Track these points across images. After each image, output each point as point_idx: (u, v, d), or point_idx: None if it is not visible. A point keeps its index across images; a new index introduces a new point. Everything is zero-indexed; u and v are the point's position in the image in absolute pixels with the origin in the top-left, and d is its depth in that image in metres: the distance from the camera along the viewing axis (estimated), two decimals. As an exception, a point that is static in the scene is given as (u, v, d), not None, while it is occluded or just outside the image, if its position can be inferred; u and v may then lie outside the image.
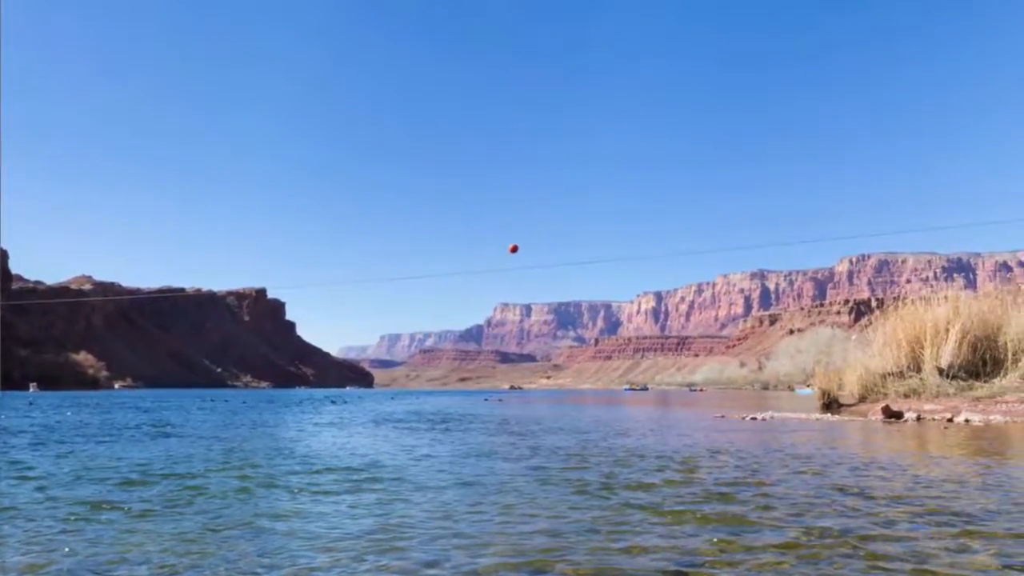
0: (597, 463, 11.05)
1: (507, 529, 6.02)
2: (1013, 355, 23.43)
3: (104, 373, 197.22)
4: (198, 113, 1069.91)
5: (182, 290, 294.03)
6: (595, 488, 8.32)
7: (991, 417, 19.57)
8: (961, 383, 23.70)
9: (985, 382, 23.33)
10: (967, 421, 19.23)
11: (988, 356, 24.19)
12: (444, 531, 5.95)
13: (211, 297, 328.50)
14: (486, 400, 64.54)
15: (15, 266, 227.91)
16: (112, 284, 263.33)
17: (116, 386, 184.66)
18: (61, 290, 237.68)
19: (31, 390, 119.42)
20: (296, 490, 8.44)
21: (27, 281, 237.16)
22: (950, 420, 19.77)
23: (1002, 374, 23.36)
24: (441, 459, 12.16)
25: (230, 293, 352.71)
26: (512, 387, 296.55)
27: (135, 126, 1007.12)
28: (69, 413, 32.10)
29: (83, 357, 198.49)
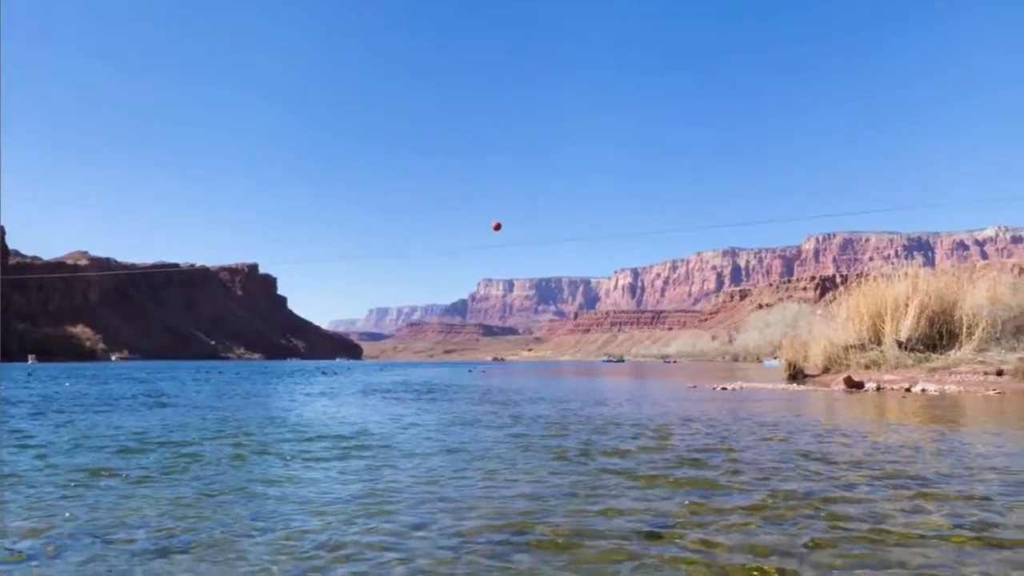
0: (576, 431, 11.12)
1: (490, 493, 6.06)
2: (967, 329, 23.82)
3: (101, 345, 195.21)
4: (191, 94, 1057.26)
5: (176, 265, 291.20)
6: (574, 454, 8.39)
7: (946, 387, 19.91)
8: (918, 355, 24.08)
9: (941, 354, 23.72)
10: (923, 391, 19.55)
11: (944, 330, 24.59)
12: (430, 495, 5.99)
13: (204, 272, 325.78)
14: (470, 371, 64.67)
15: (11, 241, 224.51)
16: (107, 259, 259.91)
17: (113, 358, 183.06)
18: (57, 265, 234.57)
19: (30, 362, 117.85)
20: (288, 457, 8.43)
21: (24, 256, 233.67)
22: (908, 390, 20.09)
23: (957, 346, 23.76)
24: (427, 427, 12.20)
25: (223, 268, 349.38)
26: (495, 359, 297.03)
27: (129, 107, 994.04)
28: (67, 384, 31.82)
29: (80, 330, 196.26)
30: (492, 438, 10.35)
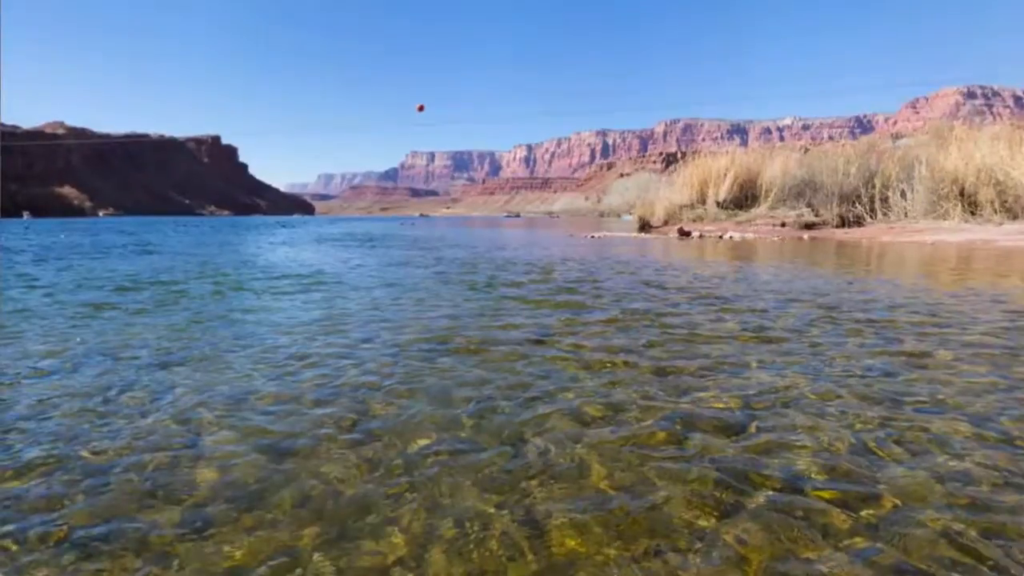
0: (483, 269, 11.29)
1: (419, 316, 6.17)
2: (765, 192, 25.08)
3: (88, 203, 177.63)
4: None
5: (147, 136, 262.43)
6: (482, 286, 8.57)
7: (746, 235, 21.22)
8: (730, 212, 25.35)
9: (745, 211, 25.05)
10: (731, 237, 20.76)
11: (749, 193, 25.78)
12: (374, 318, 6.04)
13: (173, 142, 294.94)
14: (401, 225, 63.44)
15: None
16: (83, 129, 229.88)
17: (100, 214, 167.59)
18: (37, 134, 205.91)
19: (25, 217, 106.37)
20: (260, 292, 8.23)
21: (4, 125, 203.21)
22: (720, 237, 21.27)
23: (757, 205, 25.11)
24: (369, 267, 12.08)
25: (189, 139, 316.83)
26: (421, 215, 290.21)
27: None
28: (63, 236, 29.16)
29: (67, 190, 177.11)
30: (420, 275, 10.40)
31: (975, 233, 17.13)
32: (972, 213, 19.47)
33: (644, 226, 27.71)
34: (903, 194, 21.20)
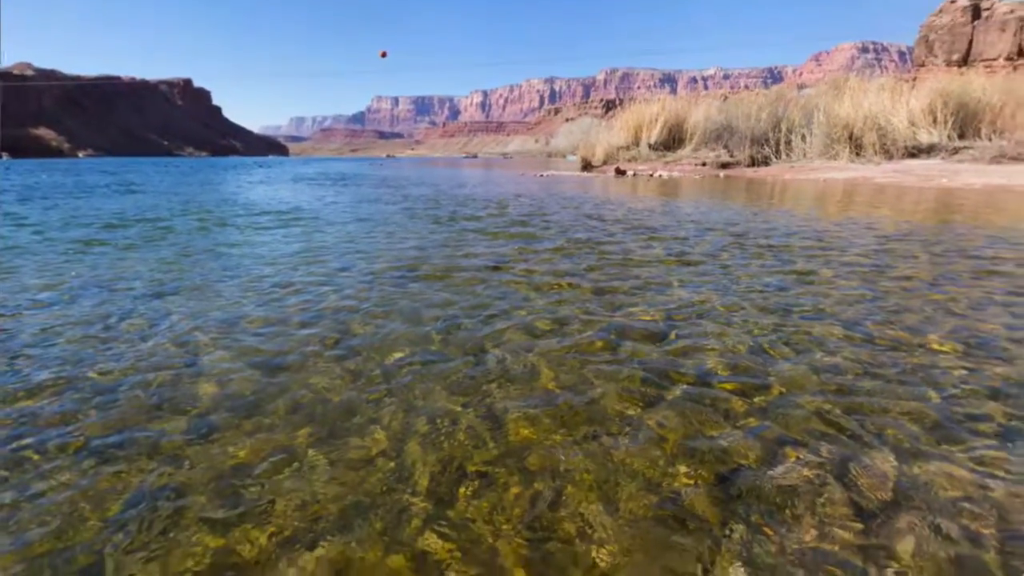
0: (446, 204, 11.08)
1: (390, 247, 6.07)
2: (690, 136, 25.08)
3: (67, 144, 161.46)
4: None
5: (119, 78, 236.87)
6: (445, 220, 8.44)
7: (673, 173, 21.36)
8: (660, 153, 25.32)
9: (673, 152, 25.08)
10: (660, 176, 20.87)
11: (677, 137, 25.72)
12: (350, 249, 5.91)
13: (145, 84, 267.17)
14: (370, 165, 60.78)
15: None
16: (52, 71, 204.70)
17: (80, 155, 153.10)
18: (6, 75, 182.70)
19: (3, 158, 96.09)
20: (243, 227, 7.86)
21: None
22: (651, 175, 21.35)
23: (683, 147, 25.15)
24: (343, 204, 11.66)
25: (162, 82, 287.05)
26: (388, 156, 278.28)
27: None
28: (44, 176, 26.65)
29: (43, 131, 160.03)
30: (390, 210, 10.12)
31: (858, 171, 17.77)
32: (857, 154, 20.10)
33: (586, 166, 27.45)
34: (803, 137, 21.60)
